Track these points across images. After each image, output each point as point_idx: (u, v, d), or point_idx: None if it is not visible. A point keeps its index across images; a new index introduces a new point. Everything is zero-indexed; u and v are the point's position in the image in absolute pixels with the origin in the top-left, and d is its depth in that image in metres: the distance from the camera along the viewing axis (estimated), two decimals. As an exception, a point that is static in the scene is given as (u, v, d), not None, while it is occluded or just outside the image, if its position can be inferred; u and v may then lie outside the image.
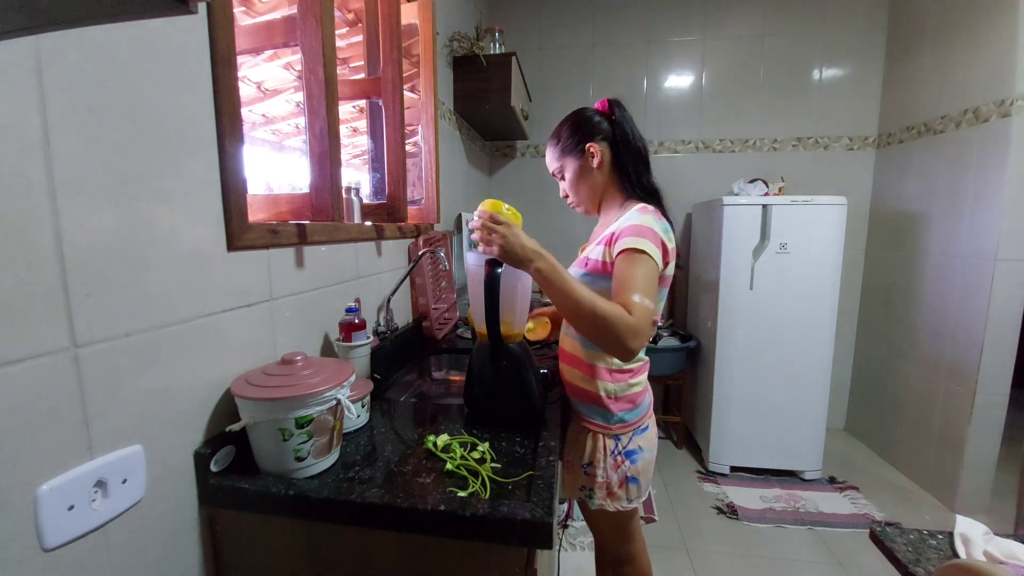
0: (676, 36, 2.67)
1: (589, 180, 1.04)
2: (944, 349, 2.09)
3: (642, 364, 1.05)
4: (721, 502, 2.10)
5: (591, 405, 1.02)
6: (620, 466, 1.00)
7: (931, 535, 0.87)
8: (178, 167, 0.66)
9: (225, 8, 0.72)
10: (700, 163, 2.74)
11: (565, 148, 1.04)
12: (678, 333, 2.63)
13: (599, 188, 1.05)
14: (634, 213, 0.95)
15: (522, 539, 0.63)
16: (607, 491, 1.01)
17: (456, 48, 1.99)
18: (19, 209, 0.47)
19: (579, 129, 1.03)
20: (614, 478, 1.00)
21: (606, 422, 1.00)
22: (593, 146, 1.01)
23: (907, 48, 2.37)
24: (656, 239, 0.89)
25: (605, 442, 1.00)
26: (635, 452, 1.01)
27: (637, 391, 1.02)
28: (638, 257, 0.87)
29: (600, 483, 1.00)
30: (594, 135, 1.01)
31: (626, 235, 0.90)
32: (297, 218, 1.05)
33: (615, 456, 1.00)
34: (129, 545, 0.60)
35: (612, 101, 1.03)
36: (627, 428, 1.01)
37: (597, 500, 1.02)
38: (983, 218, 1.91)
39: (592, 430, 1.02)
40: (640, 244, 0.87)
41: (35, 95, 0.48)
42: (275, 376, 0.72)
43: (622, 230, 0.92)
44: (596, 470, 1.00)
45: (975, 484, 1.97)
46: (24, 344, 0.48)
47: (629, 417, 1.01)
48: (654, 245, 0.88)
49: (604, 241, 0.96)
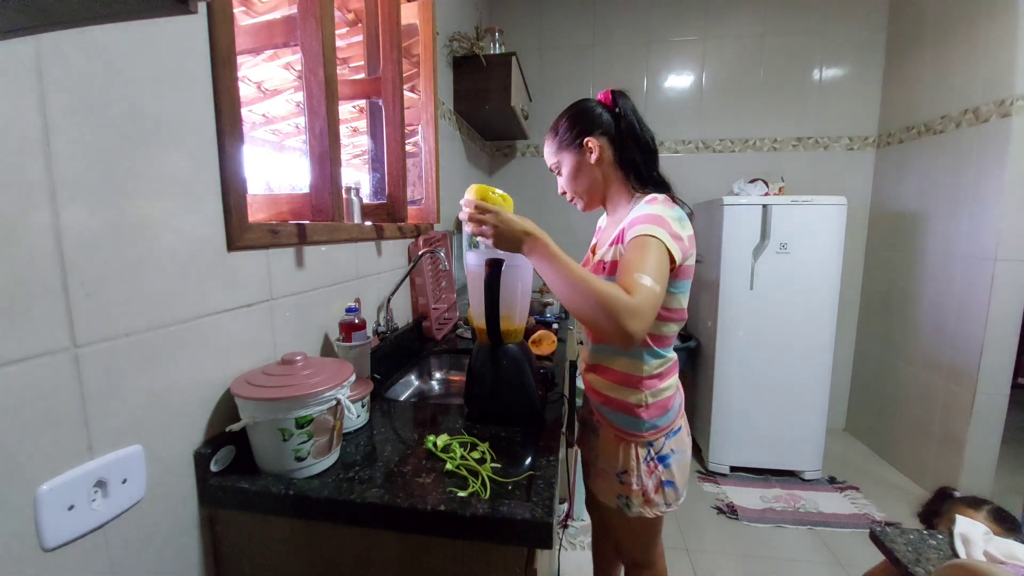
0: (676, 36, 2.67)
1: (587, 175, 0.99)
2: (944, 349, 2.09)
3: (671, 364, 1.00)
4: (721, 502, 2.09)
5: (622, 414, 0.98)
6: (654, 471, 0.97)
7: (931, 535, 0.87)
8: (178, 167, 0.66)
9: (225, 8, 0.72)
10: (700, 163, 2.74)
11: (563, 142, 0.99)
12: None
13: (599, 184, 1.00)
14: (642, 205, 0.92)
15: (522, 539, 0.63)
16: (644, 498, 0.97)
17: (456, 48, 1.99)
18: (19, 209, 0.47)
19: (578, 122, 0.98)
20: (649, 484, 0.97)
21: (638, 430, 0.96)
22: (592, 140, 0.96)
23: (907, 48, 2.37)
24: (668, 227, 0.84)
25: (638, 450, 0.97)
26: (668, 456, 0.98)
27: (668, 395, 0.98)
28: (647, 241, 0.81)
29: (636, 491, 0.97)
30: (593, 128, 0.97)
31: (636, 224, 0.86)
32: (297, 218, 1.05)
33: (648, 463, 0.97)
34: (129, 545, 0.60)
35: (616, 92, 0.98)
36: (659, 433, 0.97)
37: (635, 508, 0.98)
38: (983, 218, 1.91)
39: (625, 439, 0.98)
40: (649, 230, 0.82)
41: (35, 95, 0.48)
42: (275, 376, 0.72)
43: (631, 221, 0.88)
44: (631, 478, 0.97)
45: (975, 484, 1.97)
46: (24, 344, 0.48)
47: (661, 423, 0.97)
48: (666, 232, 0.83)
49: (615, 240, 0.92)
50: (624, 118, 0.96)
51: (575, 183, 1.01)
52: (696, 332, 2.58)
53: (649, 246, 0.81)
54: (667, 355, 0.98)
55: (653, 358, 0.95)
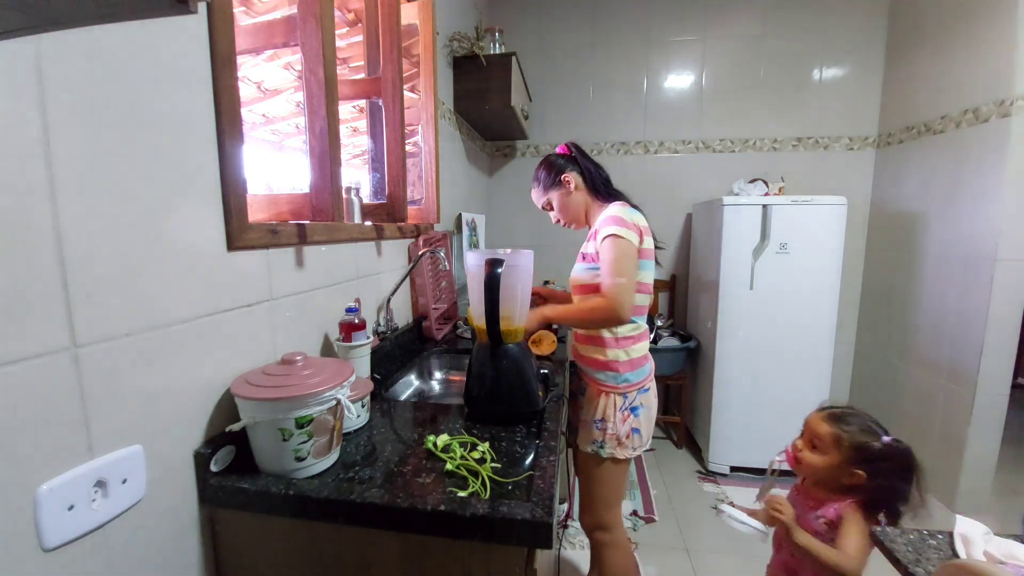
0: (676, 36, 2.67)
1: (572, 201, 1.31)
2: (944, 349, 2.09)
3: (642, 332, 1.27)
4: (721, 502, 2.09)
5: (603, 370, 1.24)
6: (627, 420, 1.22)
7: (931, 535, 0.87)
8: (178, 167, 0.66)
9: (225, 8, 0.72)
10: (700, 163, 2.74)
11: (546, 185, 1.32)
12: (678, 333, 2.63)
13: (581, 205, 1.31)
14: (607, 209, 1.23)
15: (522, 539, 0.63)
16: (617, 441, 1.22)
17: (456, 48, 1.99)
18: (19, 209, 0.47)
19: (552, 168, 1.31)
20: (622, 430, 1.21)
21: (615, 383, 1.22)
22: (567, 176, 1.29)
23: (907, 48, 2.37)
24: (625, 223, 1.16)
25: (615, 399, 1.22)
26: (638, 408, 1.23)
27: (641, 355, 1.26)
28: (613, 241, 1.14)
29: (611, 435, 1.21)
30: (565, 169, 1.30)
31: (603, 226, 1.17)
32: (297, 218, 1.05)
33: (623, 411, 1.21)
34: (129, 545, 0.60)
35: (570, 145, 1.33)
36: (632, 387, 1.23)
37: (608, 449, 1.22)
38: (983, 218, 1.91)
39: (604, 390, 1.23)
40: (613, 230, 1.15)
41: (35, 95, 0.48)
42: (275, 376, 0.72)
43: (600, 223, 1.20)
44: (607, 424, 1.21)
45: (975, 484, 1.97)
46: (24, 344, 0.48)
47: (633, 378, 1.23)
48: (625, 228, 1.15)
49: (591, 237, 1.25)
50: (580, 161, 1.31)
51: (566, 211, 1.33)
52: (696, 332, 2.58)
53: (615, 245, 1.14)
54: (637, 321, 1.25)
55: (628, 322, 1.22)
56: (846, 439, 0.97)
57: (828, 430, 1.00)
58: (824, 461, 1.00)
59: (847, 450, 0.97)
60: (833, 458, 0.98)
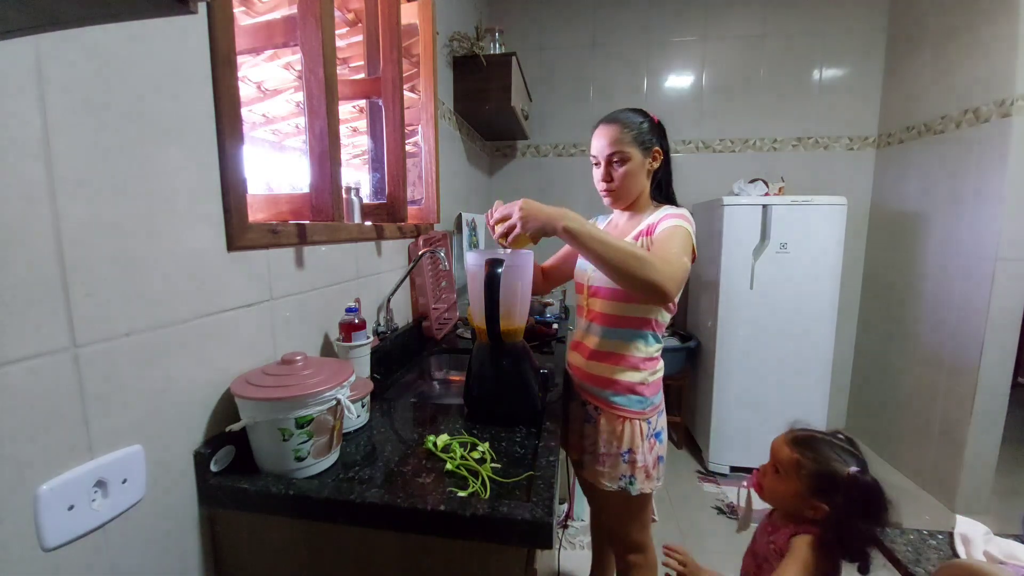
0: (676, 36, 2.67)
1: (641, 177, 1.08)
2: (944, 349, 2.09)
3: (661, 349, 1.12)
4: (721, 502, 2.09)
5: (627, 395, 1.07)
6: (653, 447, 1.08)
7: (931, 535, 0.87)
8: (178, 167, 0.66)
9: (225, 8, 0.72)
10: (700, 163, 2.74)
11: (638, 139, 1.05)
12: (678, 333, 2.63)
13: (642, 187, 1.10)
14: (670, 210, 1.06)
15: (522, 539, 0.63)
16: (646, 474, 1.07)
17: (456, 48, 1.99)
18: (19, 209, 0.47)
19: (655, 131, 1.09)
20: (650, 460, 1.07)
21: (642, 408, 1.06)
22: (659, 150, 1.09)
23: (907, 48, 2.37)
24: (691, 221, 1.02)
25: (641, 427, 1.06)
26: (661, 432, 1.11)
27: (660, 376, 1.11)
28: (677, 229, 0.98)
29: (640, 467, 1.06)
30: (661, 141, 1.10)
31: (668, 219, 1.01)
32: (297, 218, 1.05)
33: (649, 439, 1.07)
34: (129, 545, 0.60)
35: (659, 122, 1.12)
36: (655, 411, 1.09)
37: (638, 485, 1.07)
38: (983, 218, 1.91)
39: (628, 418, 1.06)
40: (679, 222, 0.99)
41: (35, 95, 0.48)
42: (275, 376, 0.72)
43: (662, 218, 1.02)
44: (636, 455, 1.06)
45: (975, 484, 1.97)
46: (24, 344, 0.48)
47: (656, 400, 1.09)
48: (691, 225, 1.01)
49: (643, 233, 1.04)
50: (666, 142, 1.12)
51: (631, 179, 1.07)
52: (696, 332, 2.58)
53: (679, 232, 0.97)
54: (662, 341, 1.12)
55: (656, 341, 1.09)
56: (806, 466, 0.84)
57: (788, 455, 0.87)
58: (786, 489, 0.87)
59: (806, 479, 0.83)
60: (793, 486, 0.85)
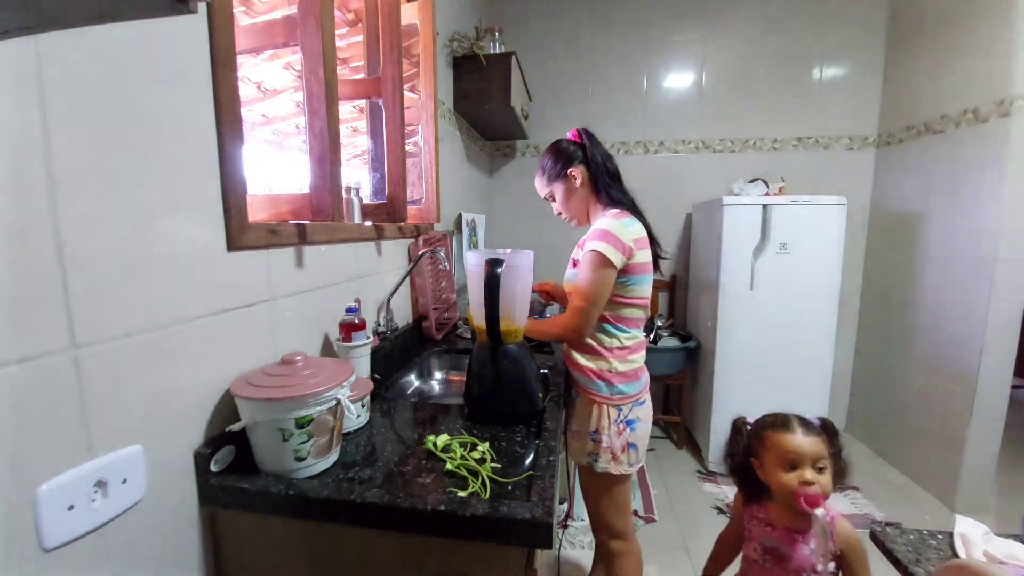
0: (676, 36, 2.67)
1: (576, 197, 1.24)
2: (944, 349, 2.09)
3: (638, 343, 1.21)
4: (721, 502, 2.09)
5: (595, 380, 1.18)
6: (622, 433, 1.16)
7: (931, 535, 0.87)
8: (178, 167, 0.66)
9: (225, 8, 0.72)
10: (700, 163, 2.74)
11: (551, 175, 1.24)
12: (678, 333, 2.63)
13: (584, 202, 1.25)
14: (600, 220, 1.17)
15: (522, 539, 0.63)
16: (612, 455, 1.16)
17: (456, 48, 1.99)
18: (19, 209, 0.47)
19: (560, 158, 1.23)
20: (617, 444, 1.16)
21: (609, 394, 1.17)
22: (574, 170, 1.21)
23: (907, 48, 2.37)
24: (611, 238, 1.09)
25: (608, 411, 1.16)
26: (635, 421, 1.18)
27: (636, 367, 1.20)
28: (591, 257, 1.10)
29: (605, 448, 1.16)
30: (572, 161, 1.22)
31: (591, 238, 1.13)
32: (297, 218, 1.05)
33: (618, 424, 1.16)
34: (129, 545, 0.60)
35: (581, 131, 1.23)
36: (627, 400, 1.17)
37: (602, 463, 1.17)
38: (983, 218, 1.91)
39: (597, 401, 1.17)
40: (598, 246, 1.09)
41: (35, 95, 0.48)
42: (275, 376, 0.72)
43: (589, 234, 1.15)
44: (602, 436, 1.16)
45: (975, 484, 1.97)
46: (24, 344, 0.48)
47: (628, 390, 1.18)
48: (611, 247, 1.08)
49: (580, 245, 1.20)
50: (591, 147, 1.21)
51: (568, 205, 1.26)
52: (696, 332, 2.58)
53: (593, 262, 1.10)
54: (631, 332, 1.20)
55: (618, 332, 1.18)
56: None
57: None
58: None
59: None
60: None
